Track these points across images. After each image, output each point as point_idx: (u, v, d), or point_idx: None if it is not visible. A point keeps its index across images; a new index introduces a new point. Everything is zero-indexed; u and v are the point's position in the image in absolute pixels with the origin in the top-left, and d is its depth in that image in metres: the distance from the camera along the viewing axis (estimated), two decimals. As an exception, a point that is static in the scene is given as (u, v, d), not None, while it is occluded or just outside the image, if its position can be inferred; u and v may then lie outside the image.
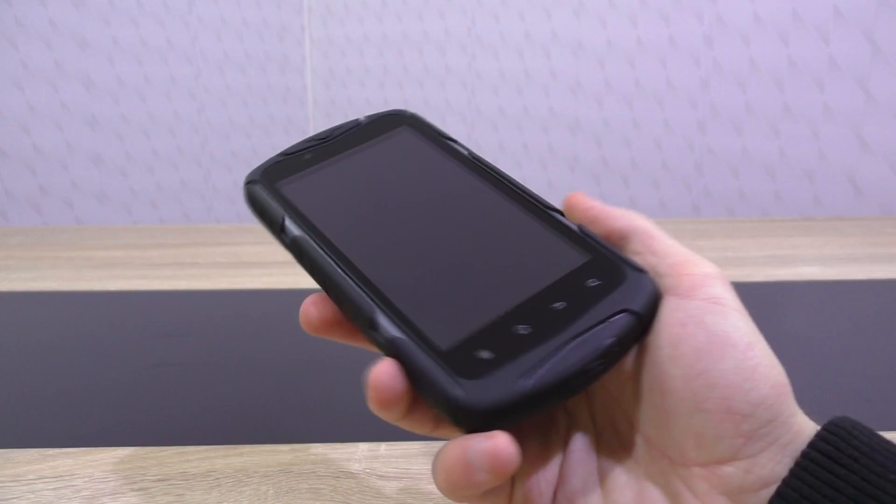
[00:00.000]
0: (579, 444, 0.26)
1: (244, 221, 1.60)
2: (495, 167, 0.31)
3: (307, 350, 0.55)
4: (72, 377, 0.51)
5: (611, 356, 0.23)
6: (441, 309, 0.25)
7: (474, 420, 0.22)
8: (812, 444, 0.21)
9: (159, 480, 0.38)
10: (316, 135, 0.34)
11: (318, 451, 0.41)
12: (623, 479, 0.24)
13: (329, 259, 0.27)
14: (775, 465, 0.21)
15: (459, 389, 0.22)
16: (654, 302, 0.24)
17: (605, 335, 0.23)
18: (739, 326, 0.22)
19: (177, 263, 0.78)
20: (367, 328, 0.25)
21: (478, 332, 0.24)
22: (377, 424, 0.25)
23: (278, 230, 0.29)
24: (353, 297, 0.25)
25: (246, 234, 0.92)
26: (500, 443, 0.21)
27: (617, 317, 0.23)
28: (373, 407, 0.23)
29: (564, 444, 0.26)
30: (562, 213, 0.29)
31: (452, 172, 0.31)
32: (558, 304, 0.24)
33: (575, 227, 0.28)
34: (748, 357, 0.22)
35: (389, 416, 0.23)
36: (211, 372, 0.52)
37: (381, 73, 1.57)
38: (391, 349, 0.24)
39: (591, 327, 0.23)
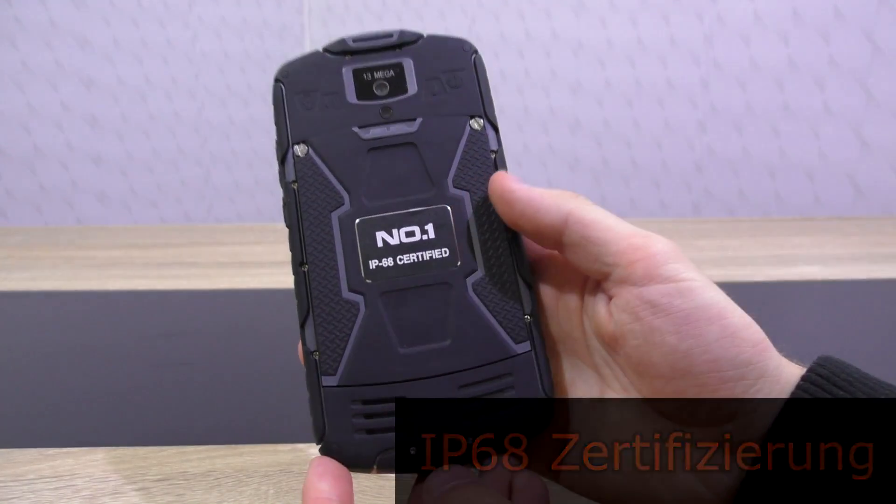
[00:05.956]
0: (586, 403, 0.26)
1: (244, 221, 1.60)
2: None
3: (307, 350, 0.55)
4: (72, 377, 0.51)
5: None
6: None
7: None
8: (810, 372, 0.22)
9: (159, 480, 0.38)
10: (364, 38, 0.29)
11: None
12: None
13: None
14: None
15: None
16: None
17: None
18: (707, 298, 0.23)
19: (177, 263, 0.78)
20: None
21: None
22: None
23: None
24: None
25: (246, 234, 0.92)
26: None
27: None
28: None
29: (571, 400, 0.27)
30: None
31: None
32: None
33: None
34: (726, 326, 0.22)
35: None
36: (211, 372, 0.52)
37: (381, 73, 1.57)
38: None
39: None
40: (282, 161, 0.27)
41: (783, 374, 0.22)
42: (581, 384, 0.26)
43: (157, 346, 0.57)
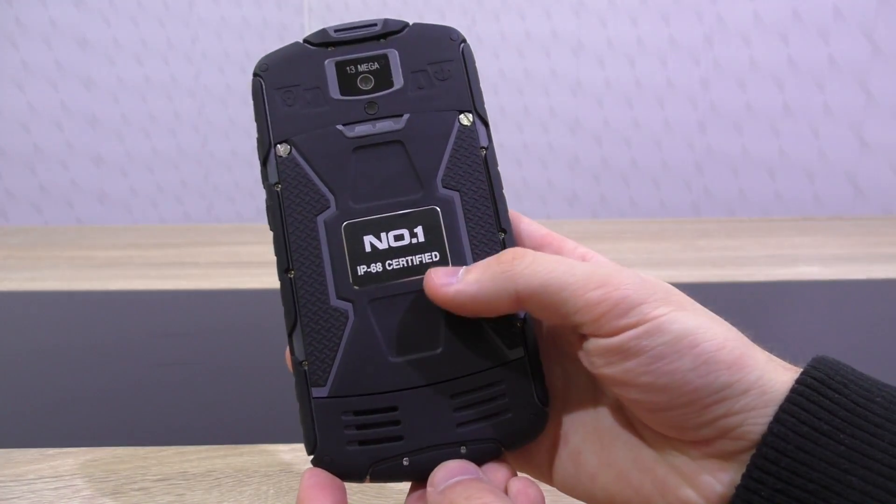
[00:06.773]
0: (579, 405, 0.26)
1: (244, 221, 1.60)
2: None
3: (307, 350, 0.55)
4: (72, 377, 0.51)
5: None
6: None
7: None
8: (804, 376, 0.22)
9: (159, 480, 0.38)
10: (346, 28, 0.28)
11: (318, 451, 0.41)
12: (622, 440, 0.25)
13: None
14: (761, 426, 0.22)
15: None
16: None
17: None
18: (676, 330, 0.22)
19: (177, 263, 0.78)
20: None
21: None
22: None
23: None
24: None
25: (246, 234, 0.92)
26: None
27: None
28: None
29: (564, 402, 0.27)
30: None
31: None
32: None
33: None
34: (698, 354, 0.22)
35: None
36: (211, 372, 0.52)
37: (381, 73, 1.57)
38: None
39: None
40: (264, 162, 0.26)
41: (769, 382, 0.22)
42: (575, 389, 0.26)
43: (157, 346, 0.57)
